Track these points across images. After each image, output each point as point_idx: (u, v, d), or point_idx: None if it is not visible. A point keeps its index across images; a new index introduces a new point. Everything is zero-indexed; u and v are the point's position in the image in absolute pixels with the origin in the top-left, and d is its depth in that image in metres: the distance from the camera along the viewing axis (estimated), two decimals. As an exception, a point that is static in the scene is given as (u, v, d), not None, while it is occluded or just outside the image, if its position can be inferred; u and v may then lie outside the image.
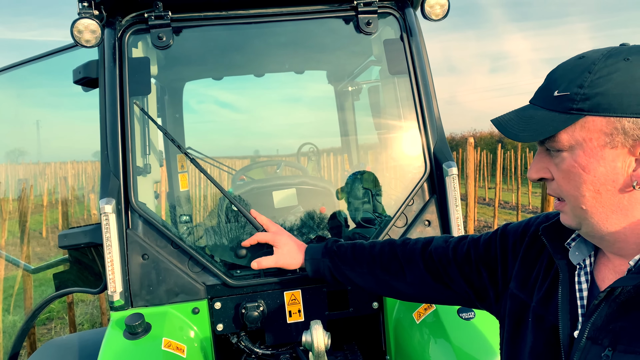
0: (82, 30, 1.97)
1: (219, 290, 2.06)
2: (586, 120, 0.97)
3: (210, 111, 4.45)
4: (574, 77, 0.99)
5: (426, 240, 1.61)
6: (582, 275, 1.10)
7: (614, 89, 0.94)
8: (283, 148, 5.13)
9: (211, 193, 4.71)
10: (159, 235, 2.06)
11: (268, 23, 2.24)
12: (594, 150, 0.97)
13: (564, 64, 1.06)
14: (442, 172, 2.14)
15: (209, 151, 3.93)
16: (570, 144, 1.00)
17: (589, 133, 0.97)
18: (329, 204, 2.56)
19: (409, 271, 1.57)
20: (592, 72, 0.97)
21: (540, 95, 1.06)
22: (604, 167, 0.97)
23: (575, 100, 0.97)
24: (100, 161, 2.08)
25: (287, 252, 1.87)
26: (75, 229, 2.21)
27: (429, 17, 2.12)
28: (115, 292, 1.94)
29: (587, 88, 0.96)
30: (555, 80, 1.04)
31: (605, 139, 0.96)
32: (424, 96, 2.22)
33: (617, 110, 0.94)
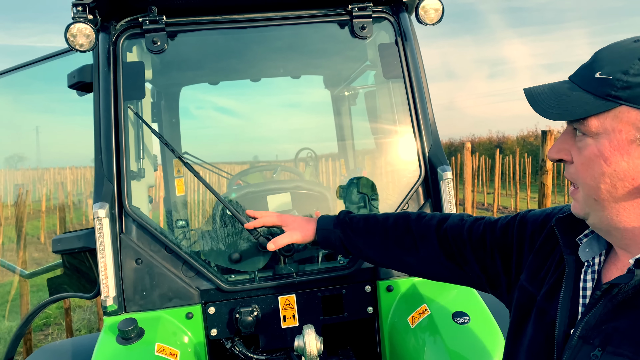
0: (76, 35, 1.97)
1: (213, 295, 2.05)
2: (621, 109, 0.91)
3: (208, 117, 4.45)
4: (621, 61, 0.92)
5: (442, 217, 1.53)
6: (588, 273, 1.07)
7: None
8: (281, 153, 5.13)
9: (208, 198, 4.71)
10: (152, 239, 2.05)
11: (263, 27, 2.25)
12: (621, 143, 0.92)
13: (616, 43, 0.98)
14: (437, 176, 2.14)
15: (207, 157, 3.93)
16: (598, 130, 0.94)
17: (620, 124, 0.91)
18: (324, 209, 2.56)
19: (422, 247, 1.51)
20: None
21: (581, 73, 0.99)
22: (626, 163, 0.92)
23: (616, 87, 0.91)
24: (94, 165, 2.07)
25: (297, 227, 1.76)
26: (69, 234, 2.20)
27: (424, 22, 2.13)
28: (108, 296, 1.93)
29: (631, 76, 0.90)
30: (602, 60, 0.96)
31: (635, 134, 0.90)
32: (419, 100, 2.22)
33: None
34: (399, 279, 2.13)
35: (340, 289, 2.12)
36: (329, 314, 2.11)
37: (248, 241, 2.13)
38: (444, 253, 1.47)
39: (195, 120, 4.11)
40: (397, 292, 2.12)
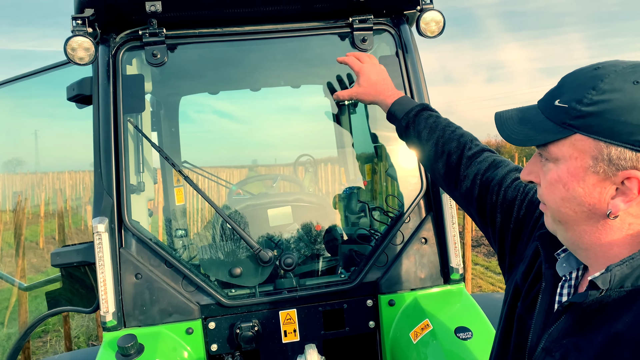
0: (75, 48, 1.95)
1: (214, 309, 2.03)
2: (576, 137, 0.95)
3: (208, 121, 4.45)
4: (578, 90, 0.96)
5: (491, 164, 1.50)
6: (565, 287, 1.09)
7: (609, 113, 0.91)
8: (280, 158, 5.12)
9: (208, 207, 4.71)
10: (152, 254, 2.04)
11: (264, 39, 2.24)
12: (577, 170, 0.95)
13: (579, 70, 1.02)
14: (438, 190, 2.13)
15: (207, 161, 3.91)
16: (557, 157, 0.98)
17: (575, 151, 0.95)
18: (325, 221, 2.54)
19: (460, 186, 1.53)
20: (596, 89, 0.93)
21: (546, 99, 1.04)
22: (582, 189, 0.96)
23: (571, 116, 0.95)
24: (94, 179, 2.06)
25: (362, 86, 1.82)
26: (68, 247, 2.18)
27: (425, 34, 2.12)
28: (107, 312, 1.92)
29: (584, 105, 0.93)
30: (563, 87, 1.01)
31: (589, 162, 0.94)
32: (420, 113, 2.21)
33: (606, 136, 0.91)
34: (401, 293, 2.11)
35: (342, 303, 2.10)
36: (330, 328, 2.09)
37: (248, 255, 2.12)
38: (476, 206, 1.48)
39: (195, 124, 4.12)
40: (399, 307, 2.10)
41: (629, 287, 0.92)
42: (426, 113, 1.68)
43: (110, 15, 2.04)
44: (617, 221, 0.95)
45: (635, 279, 0.92)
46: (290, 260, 2.08)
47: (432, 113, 1.69)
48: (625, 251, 0.96)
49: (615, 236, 0.97)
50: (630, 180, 0.91)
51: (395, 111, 1.73)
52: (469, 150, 1.55)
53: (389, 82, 1.82)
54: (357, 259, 2.28)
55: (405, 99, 1.76)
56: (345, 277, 2.16)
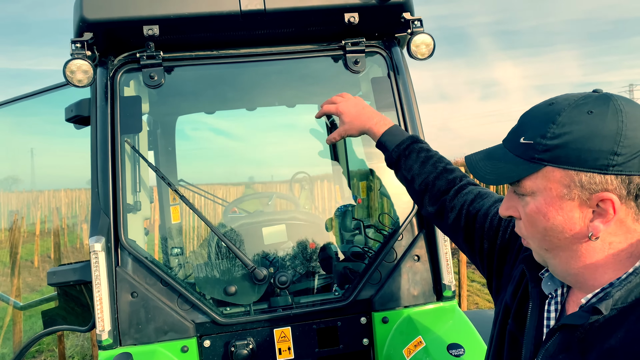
0: (74, 71, 2.00)
1: (209, 328, 2.05)
2: (547, 170, 1.00)
3: (204, 139, 4.48)
4: (539, 126, 1.02)
5: (477, 195, 1.53)
6: (552, 304, 1.14)
7: (573, 143, 0.97)
8: (276, 176, 5.15)
9: (203, 225, 4.72)
10: (148, 272, 2.06)
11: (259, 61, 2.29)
12: (553, 200, 1.01)
13: (535, 108, 1.09)
14: (430, 207, 2.16)
15: (202, 178, 3.93)
16: (532, 190, 1.03)
17: (549, 183, 1.01)
18: (319, 239, 2.57)
19: (448, 218, 1.55)
20: (556, 123, 0.99)
21: (511, 138, 1.10)
22: (561, 217, 1.01)
23: (538, 150, 1.01)
24: (91, 198, 2.09)
25: (353, 119, 1.81)
26: (64, 267, 2.20)
27: (415, 57, 2.18)
28: (103, 330, 1.93)
29: (549, 139, 0.99)
30: (525, 125, 1.07)
31: (563, 190, 0.99)
32: (411, 132, 2.26)
33: (574, 164, 0.97)
34: (394, 310, 2.13)
35: (336, 321, 2.12)
36: (324, 346, 2.10)
37: (243, 273, 2.14)
38: (463, 235, 1.51)
39: (192, 142, 4.15)
40: (393, 324, 2.12)
41: (619, 306, 0.97)
42: (417, 146, 1.70)
43: (108, 39, 2.10)
44: (599, 242, 1.01)
45: (624, 298, 0.97)
46: (285, 278, 2.11)
47: (422, 146, 1.71)
48: (609, 270, 1.02)
49: (599, 257, 1.02)
50: (605, 202, 0.96)
51: (386, 142, 1.75)
52: (458, 184, 1.60)
53: (369, 109, 1.85)
54: (351, 276, 2.30)
55: (395, 129, 1.78)
56: (339, 294, 2.18)
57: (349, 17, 2.12)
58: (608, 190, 0.96)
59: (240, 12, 2.03)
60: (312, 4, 2.07)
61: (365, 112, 1.82)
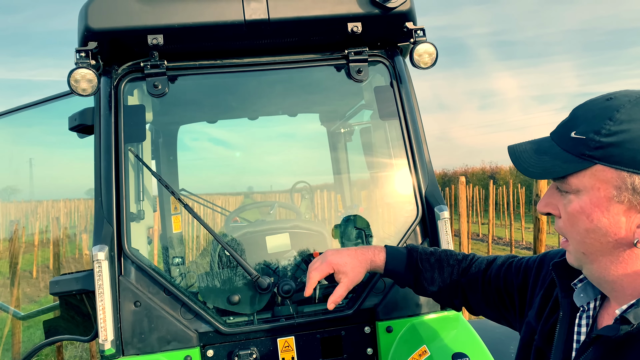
0: (79, 80, 2.00)
1: (212, 337, 2.04)
2: (597, 168, 0.94)
3: (204, 148, 4.50)
4: (594, 121, 0.96)
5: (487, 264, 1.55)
6: (583, 318, 1.09)
7: (629, 143, 0.91)
8: (277, 185, 5.15)
9: (205, 234, 4.71)
10: (151, 281, 2.05)
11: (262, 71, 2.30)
12: (600, 201, 0.95)
13: (590, 102, 1.03)
14: (434, 216, 2.16)
15: (203, 188, 3.93)
16: (578, 188, 0.98)
17: (597, 182, 0.95)
18: (322, 248, 2.57)
19: (471, 298, 1.57)
20: (613, 120, 0.93)
21: (560, 131, 1.04)
22: (607, 219, 0.95)
23: (590, 147, 0.95)
24: (94, 207, 2.08)
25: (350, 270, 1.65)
26: (66, 276, 2.19)
27: (418, 66, 2.18)
28: (106, 340, 1.92)
29: (603, 136, 0.93)
30: (577, 118, 1.01)
31: (613, 192, 0.93)
32: (414, 140, 2.27)
33: (629, 165, 0.91)
34: (399, 319, 2.12)
35: (340, 330, 2.11)
36: (328, 355, 2.09)
37: (246, 282, 2.13)
38: (484, 302, 1.51)
39: (192, 152, 4.16)
40: (397, 333, 2.11)
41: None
42: (422, 255, 1.67)
43: (113, 48, 2.10)
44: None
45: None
46: (288, 287, 2.10)
47: (424, 252, 1.69)
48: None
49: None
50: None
51: (395, 267, 1.67)
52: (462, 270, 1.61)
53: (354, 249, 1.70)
54: (355, 285, 2.29)
55: (391, 250, 1.69)
56: (343, 304, 2.17)
57: (352, 26, 2.13)
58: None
59: (245, 21, 2.04)
60: (315, 14, 2.09)
61: (357, 250, 1.69)
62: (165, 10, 2.02)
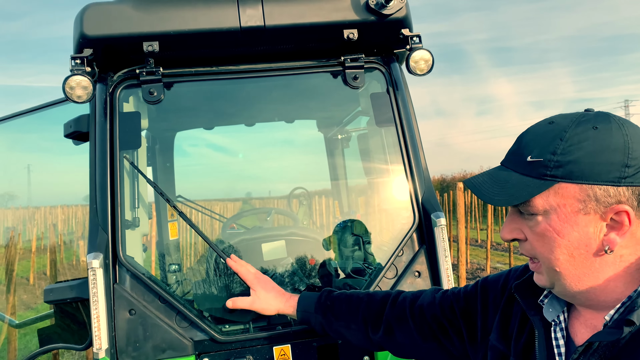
0: (74, 87, 1.99)
1: (207, 345, 2.02)
2: (560, 186, 1.00)
3: (201, 154, 4.50)
4: (546, 143, 1.02)
5: (414, 296, 1.60)
6: (557, 331, 1.13)
7: (585, 158, 0.97)
8: (275, 191, 5.15)
9: (201, 242, 4.70)
10: (146, 289, 2.03)
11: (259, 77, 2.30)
12: (568, 216, 1.00)
13: (534, 127, 1.09)
14: (430, 223, 2.15)
15: (200, 194, 3.91)
16: (544, 208, 1.02)
17: (562, 199, 1.00)
18: (318, 255, 2.56)
19: (399, 331, 1.57)
20: (564, 140, 0.99)
21: (512, 159, 1.09)
22: (577, 232, 1.00)
23: (549, 167, 1.00)
24: (89, 214, 2.07)
25: (263, 297, 1.88)
26: (61, 284, 2.18)
27: (414, 72, 2.18)
28: (100, 349, 1.90)
29: (560, 155, 0.99)
30: (527, 144, 1.06)
31: (578, 205, 0.99)
32: (411, 147, 2.26)
33: (589, 178, 0.97)
34: (395, 326, 2.11)
35: None
36: None
37: (242, 290, 2.12)
38: (420, 335, 1.52)
39: (189, 158, 4.16)
40: (393, 341, 2.09)
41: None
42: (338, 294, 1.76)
43: (108, 55, 2.10)
44: (611, 256, 1.00)
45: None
46: None
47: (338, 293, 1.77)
48: (620, 284, 1.02)
49: (611, 271, 1.01)
50: (619, 214, 0.97)
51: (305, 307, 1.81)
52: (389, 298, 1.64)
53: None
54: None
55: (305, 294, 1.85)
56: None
57: (348, 33, 2.13)
58: (622, 202, 0.97)
59: (240, 28, 2.04)
60: (311, 21, 2.09)
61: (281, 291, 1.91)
62: (160, 17, 2.01)
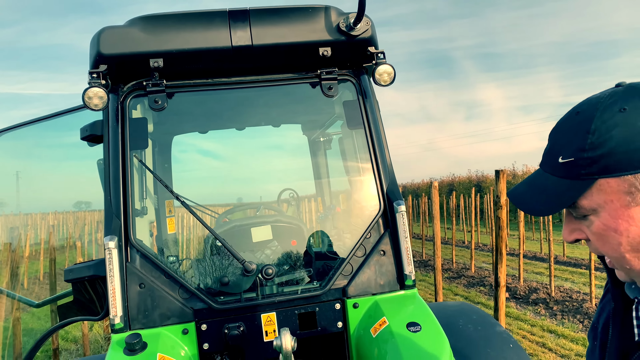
0: (91, 97, 2.37)
1: (205, 313, 2.40)
2: (600, 183, 0.93)
3: (194, 160, 4.82)
4: (574, 140, 0.95)
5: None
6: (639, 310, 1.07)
7: (618, 147, 0.90)
8: (265, 195, 5.48)
9: (195, 235, 5.04)
10: (153, 267, 2.41)
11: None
12: (619, 211, 0.93)
13: (561, 122, 1.02)
14: (393, 210, 2.55)
15: (193, 199, 4.23)
16: (592, 207, 0.96)
17: (607, 195, 0.93)
18: (300, 238, 2.94)
19: None
20: (592, 133, 0.93)
21: (547, 161, 1.02)
22: (634, 226, 0.93)
23: (583, 166, 0.94)
24: (104, 204, 2.45)
25: None
26: (79, 265, 2.55)
27: (379, 83, 2.59)
28: (116, 316, 2.28)
29: (590, 151, 0.92)
30: (556, 144, 1.01)
31: (627, 198, 0.92)
32: (377, 146, 2.66)
33: (628, 168, 0.90)
34: (364, 297, 2.50)
35: (314, 306, 2.48)
36: (304, 329, 2.46)
37: (235, 267, 2.50)
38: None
39: (183, 164, 4.47)
40: (363, 309, 2.49)
41: None
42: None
43: (120, 70, 2.48)
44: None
45: None
46: (271, 270, 2.47)
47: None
48: None
49: None
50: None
51: None
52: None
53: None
54: (327, 269, 2.67)
55: None
56: (317, 284, 2.55)
57: (323, 51, 2.53)
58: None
59: (232, 47, 2.44)
60: (292, 40, 2.49)
61: None
62: (164, 38, 2.40)
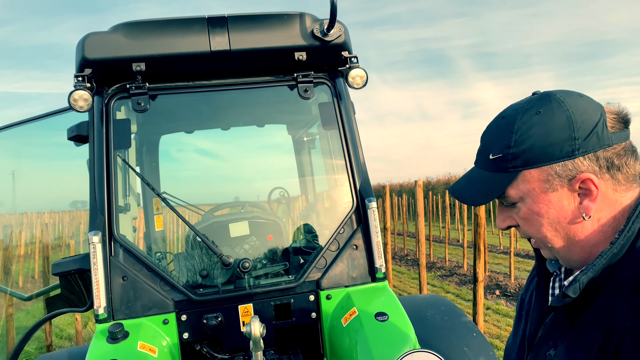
0: (77, 99, 2.50)
1: (185, 304, 2.52)
2: (524, 174, 1.10)
3: (185, 159, 4.93)
4: (501, 139, 1.13)
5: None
6: (556, 281, 1.26)
7: (537, 143, 1.07)
8: (254, 195, 5.57)
9: (182, 231, 5.16)
10: (136, 261, 2.54)
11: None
12: (540, 197, 1.10)
13: (490, 126, 1.20)
14: (365, 206, 2.68)
15: (182, 198, 4.34)
16: (519, 196, 1.13)
17: (530, 184, 1.10)
18: (277, 234, 3.07)
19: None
20: (514, 132, 1.10)
21: (480, 158, 1.20)
22: (553, 209, 1.10)
23: (509, 160, 1.11)
24: (89, 201, 2.57)
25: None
26: (66, 259, 2.67)
27: (352, 86, 2.72)
28: (100, 306, 2.40)
29: (514, 147, 1.10)
30: (487, 143, 1.18)
31: (545, 185, 1.09)
32: (351, 146, 2.80)
33: (545, 160, 1.07)
34: (337, 289, 2.63)
35: (290, 298, 2.61)
36: (280, 319, 2.59)
37: (214, 261, 2.63)
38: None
39: (171, 163, 4.56)
40: (335, 300, 2.62)
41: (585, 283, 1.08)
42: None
43: (104, 73, 2.61)
44: (589, 221, 1.10)
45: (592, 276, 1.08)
46: (247, 264, 2.60)
47: None
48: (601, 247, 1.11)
49: (591, 235, 1.11)
50: (585, 182, 1.07)
51: None
52: None
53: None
54: (302, 262, 2.81)
55: None
56: (292, 277, 2.68)
57: (298, 55, 2.66)
58: (582, 171, 1.06)
59: (211, 51, 2.56)
60: (268, 45, 2.61)
61: None
62: (146, 43, 2.53)
